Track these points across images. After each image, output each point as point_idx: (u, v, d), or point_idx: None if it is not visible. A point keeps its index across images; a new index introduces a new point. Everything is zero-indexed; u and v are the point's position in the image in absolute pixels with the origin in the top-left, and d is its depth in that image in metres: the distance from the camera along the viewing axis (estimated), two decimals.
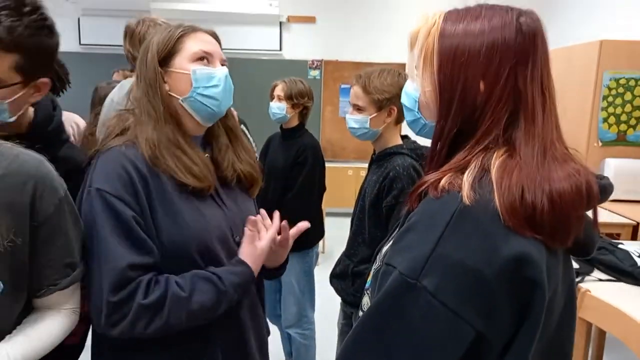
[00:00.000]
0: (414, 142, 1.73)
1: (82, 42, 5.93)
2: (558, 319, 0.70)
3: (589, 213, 0.71)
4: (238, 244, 1.08)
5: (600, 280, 2.10)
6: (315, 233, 2.53)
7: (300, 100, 2.42)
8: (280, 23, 5.89)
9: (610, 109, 3.82)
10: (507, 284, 0.60)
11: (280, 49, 5.99)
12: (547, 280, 0.62)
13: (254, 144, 3.19)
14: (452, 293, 0.59)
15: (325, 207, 4.87)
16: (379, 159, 1.71)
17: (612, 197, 0.83)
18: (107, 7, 5.53)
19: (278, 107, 2.42)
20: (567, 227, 0.65)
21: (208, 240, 1.01)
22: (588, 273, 2.16)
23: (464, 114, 0.69)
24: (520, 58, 0.68)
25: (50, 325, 0.91)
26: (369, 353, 0.64)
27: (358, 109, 1.67)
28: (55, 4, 5.36)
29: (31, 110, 1.09)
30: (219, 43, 1.11)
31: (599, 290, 1.94)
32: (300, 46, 5.96)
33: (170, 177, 0.99)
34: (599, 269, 2.20)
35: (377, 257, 0.87)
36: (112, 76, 3.30)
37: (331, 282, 1.86)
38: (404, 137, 1.76)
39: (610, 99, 3.79)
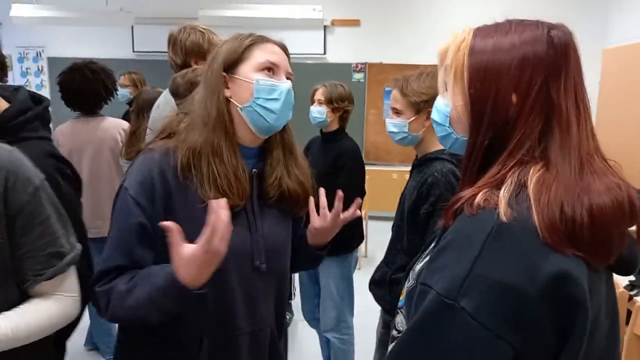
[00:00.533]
0: None
1: (135, 50, 6.20)
2: (604, 344, 0.67)
3: (633, 228, 0.67)
4: (258, 269, 1.06)
5: None
6: (355, 238, 2.51)
7: (340, 104, 2.41)
8: (325, 27, 5.92)
9: None
10: (548, 303, 0.58)
11: (325, 53, 6.02)
12: (589, 298, 0.60)
13: None
14: (492, 313, 0.58)
15: (369, 211, 4.87)
16: (420, 164, 1.66)
17: None
18: (158, 15, 5.75)
19: (318, 112, 2.42)
20: (608, 244, 0.63)
21: (226, 260, 0.93)
22: None
23: (495, 126, 0.69)
24: (553, 70, 0.67)
25: (45, 307, 0.94)
26: None
27: (397, 112, 1.64)
28: (110, 14, 5.62)
29: (5, 104, 1.15)
30: (288, 55, 1.11)
31: None
32: (344, 49, 5.97)
33: (199, 187, 0.99)
34: None
35: (410, 274, 0.86)
36: (119, 80, 3.50)
37: (370, 289, 1.83)
38: None
39: None
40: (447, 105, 0.78)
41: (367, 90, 5.96)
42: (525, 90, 0.66)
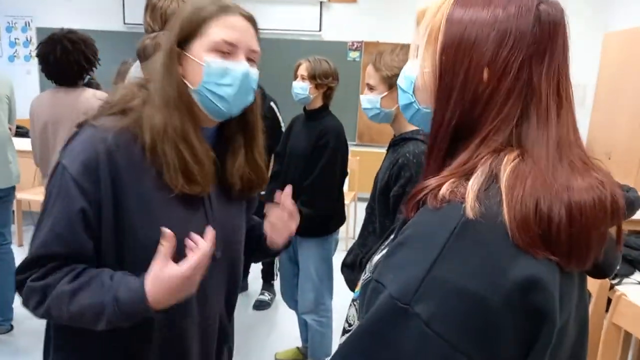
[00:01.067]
0: None
1: (126, 22, 6.05)
2: (570, 352, 0.61)
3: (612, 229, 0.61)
4: (214, 258, 0.96)
5: None
6: (336, 219, 2.46)
7: (324, 80, 2.32)
8: (321, 3, 5.77)
9: None
10: (512, 313, 0.52)
11: (320, 30, 5.88)
12: (559, 308, 0.54)
13: (283, 124, 3.14)
14: (449, 322, 0.52)
15: (359, 192, 4.81)
16: (394, 144, 1.61)
17: None
18: None
19: (301, 87, 2.33)
20: (586, 247, 0.56)
21: (179, 251, 0.89)
22: (627, 275, 1.98)
23: (464, 104, 0.61)
24: (536, 50, 0.59)
25: None
26: None
27: (370, 88, 1.59)
28: None
29: None
30: (256, 29, 0.99)
31: (636, 294, 1.77)
32: (340, 27, 5.83)
33: (158, 173, 0.91)
34: None
35: (367, 266, 0.79)
36: None
37: (342, 271, 1.79)
38: None
39: None
40: (414, 70, 0.70)
41: (362, 69, 5.84)
42: (501, 68, 0.58)
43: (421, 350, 0.53)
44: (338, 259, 2.48)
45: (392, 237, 0.77)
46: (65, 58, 2.33)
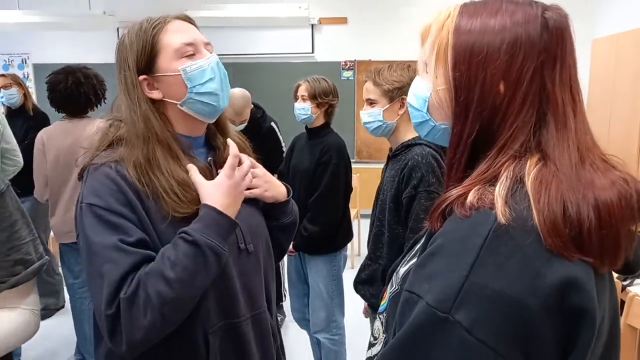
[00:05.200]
0: None
1: None
2: (602, 350, 0.61)
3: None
4: (246, 251, 1.02)
5: None
6: (343, 235, 2.46)
7: (324, 99, 2.36)
8: (312, 25, 5.86)
9: None
10: (553, 315, 0.52)
11: (313, 51, 5.96)
12: (597, 306, 0.54)
13: (284, 145, 3.16)
14: (491, 328, 0.52)
15: (361, 209, 4.80)
16: (396, 154, 1.65)
17: None
18: (143, 17, 5.68)
19: (302, 108, 2.36)
20: (617, 246, 0.56)
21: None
22: (638, 276, 1.98)
23: (483, 117, 0.62)
24: (547, 57, 0.60)
25: (5, 319, 0.89)
26: None
27: (371, 103, 1.66)
28: (94, 18, 5.53)
29: None
30: (194, 24, 1.01)
31: None
32: (333, 47, 5.91)
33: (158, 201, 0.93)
34: None
35: (394, 278, 0.79)
36: None
37: (357, 290, 1.78)
38: None
39: None
40: (426, 88, 0.70)
41: (356, 88, 5.90)
42: (515, 79, 0.59)
43: (464, 358, 0.53)
44: (347, 275, 2.48)
45: (417, 247, 0.77)
46: (76, 89, 2.39)
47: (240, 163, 1.00)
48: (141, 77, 0.95)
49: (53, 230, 2.54)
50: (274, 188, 1.11)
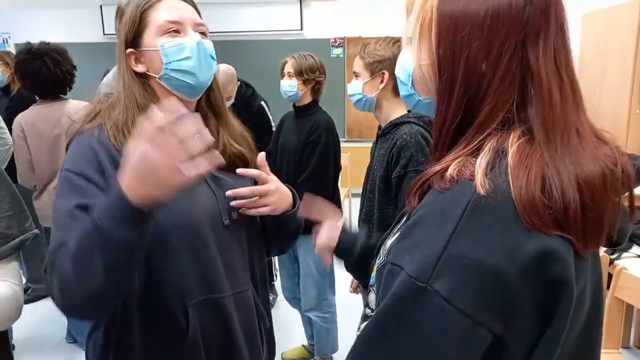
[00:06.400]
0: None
1: (105, 32, 5.99)
2: (585, 320, 0.62)
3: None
4: (228, 227, 1.02)
5: (639, 256, 1.94)
6: None
7: (311, 75, 2.31)
8: (301, 1, 5.76)
9: None
10: (531, 284, 0.52)
11: (302, 28, 5.86)
12: (575, 278, 0.54)
13: (273, 124, 3.13)
14: (468, 297, 0.53)
15: (351, 188, 4.80)
16: (385, 133, 1.63)
17: None
18: None
19: (289, 85, 2.32)
20: (600, 227, 0.56)
21: (192, 225, 0.96)
22: (626, 249, 2.00)
23: (468, 94, 0.61)
24: (530, 31, 0.58)
25: None
26: None
27: (356, 75, 1.66)
28: None
29: None
30: (194, 5, 1.03)
31: (636, 267, 1.79)
32: (322, 24, 5.82)
33: None
34: (638, 244, 2.04)
35: (381, 250, 0.80)
36: None
37: (347, 269, 1.78)
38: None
39: None
40: (410, 62, 0.70)
41: (346, 65, 5.84)
42: (496, 56, 0.58)
43: (442, 327, 0.53)
44: None
45: (403, 220, 0.77)
46: (50, 71, 2.33)
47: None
48: (128, 51, 0.99)
49: (38, 213, 2.50)
50: (284, 201, 1.05)
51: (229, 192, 0.99)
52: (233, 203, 1.00)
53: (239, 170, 1.01)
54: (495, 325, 0.53)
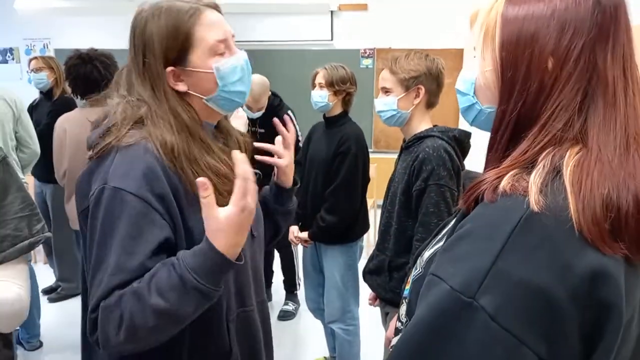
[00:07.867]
0: (445, 126, 1.65)
1: None
2: (635, 344, 0.59)
3: None
4: (253, 237, 1.04)
5: None
6: (360, 226, 2.44)
7: (342, 86, 2.32)
8: (331, 12, 5.79)
9: None
10: (579, 307, 0.51)
11: (332, 39, 5.89)
12: (625, 300, 0.52)
13: (299, 134, 3.14)
14: (515, 316, 0.51)
15: (377, 200, 4.76)
16: (408, 145, 1.64)
17: None
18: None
19: (320, 96, 2.33)
20: None
21: None
22: None
23: (528, 94, 0.60)
24: (599, 34, 0.58)
25: None
26: None
27: (386, 91, 1.64)
28: (115, 3, 5.55)
29: None
30: (220, 12, 0.99)
31: None
32: (352, 35, 5.83)
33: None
34: None
35: (418, 262, 0.79)
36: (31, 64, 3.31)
37: (365, 279, 1.79)
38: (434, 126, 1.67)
39: None
40: (474, 71, 0.70)
41: (375, 76, 5.83)
42: (563, 55, 0.58)
43: (486, 344, 0.52)
44: (362, 266, 2.46)
45: (444, 231, 0.76)
46: (99, 74, 2.40)
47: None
48: (169, 69, 0.91)
49: (69, 216, 2.56)
50: (290, 176, 1.14)
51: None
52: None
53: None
54: (540, 347, 0.51)
